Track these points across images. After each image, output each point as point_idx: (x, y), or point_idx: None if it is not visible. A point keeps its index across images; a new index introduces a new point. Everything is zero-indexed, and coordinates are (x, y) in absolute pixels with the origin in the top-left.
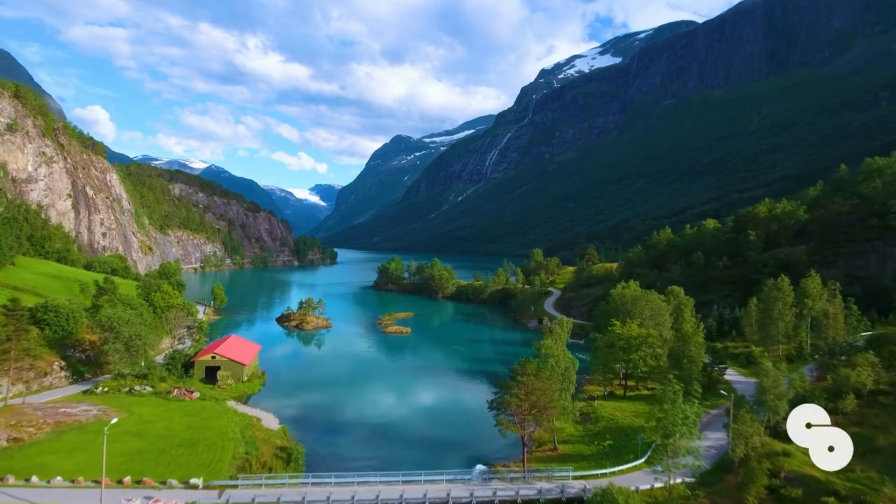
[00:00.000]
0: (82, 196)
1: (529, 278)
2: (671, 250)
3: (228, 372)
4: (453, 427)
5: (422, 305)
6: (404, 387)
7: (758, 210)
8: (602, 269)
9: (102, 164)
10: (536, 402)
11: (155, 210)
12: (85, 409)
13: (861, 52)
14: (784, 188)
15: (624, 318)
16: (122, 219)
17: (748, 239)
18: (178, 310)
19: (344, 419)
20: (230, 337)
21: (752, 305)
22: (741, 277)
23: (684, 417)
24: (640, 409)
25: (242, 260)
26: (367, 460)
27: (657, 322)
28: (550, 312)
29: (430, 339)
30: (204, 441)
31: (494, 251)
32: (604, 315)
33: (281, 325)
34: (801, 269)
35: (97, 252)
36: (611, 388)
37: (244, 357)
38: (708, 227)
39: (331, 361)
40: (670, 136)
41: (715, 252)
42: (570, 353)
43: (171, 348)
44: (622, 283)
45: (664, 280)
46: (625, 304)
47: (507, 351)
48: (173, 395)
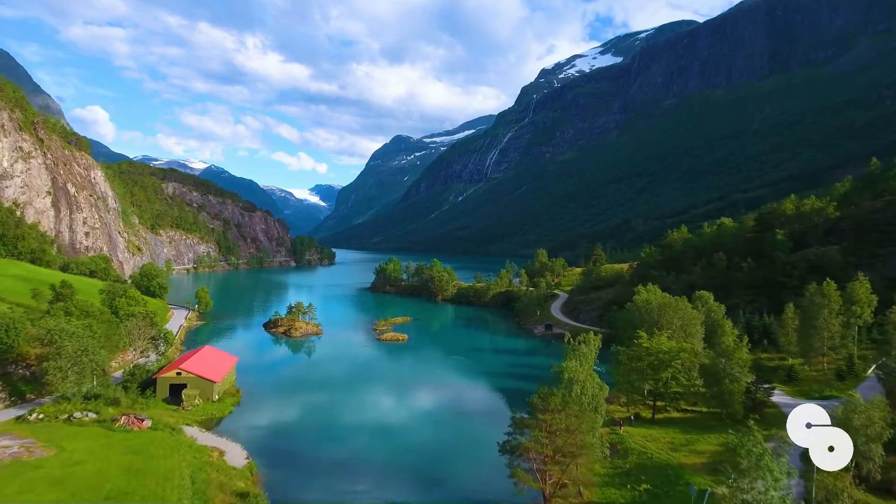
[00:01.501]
0: (63, 193)
1: (534, 280)
2: (689, 251)
3: (196, 390)
4: (455, 461)
5: (421, 309)
6: (398, 407)
7: (784, 207)
8: (611, 271)
9: (86, 161)
10: (562, 446)
11: (146, 209)
12: (4, 444)
13: (864, 51)
14: (789, 187)
15: (651, 328)
16: (106, 218)
17: (775, 238)
18: (140, 319)
19: (327, 450)
20: (203, 349)
21: (788, 312)
22: (767, 280)
23: (774, 481)
24: (675, 438)
25: (237, 260)
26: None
27: (687, 333)
28: (558, 317)
29: (429, 348)
30: (141, 491)
31: (495, 251)
32: (626, 324)
33: (268, 332)
34: (834, 272)
35: (79, 252)
36: (635, 408)
37: (215, 373)
38: (729, 225)
39: (317, 375)
40: (672, 136)
41: (737, 253)
42: (597, 377)
43: (132, 363)
44: (642, 287)
45: (682, 283)
46: (650, 311)
47: (513, 362)
48: (120, 423)
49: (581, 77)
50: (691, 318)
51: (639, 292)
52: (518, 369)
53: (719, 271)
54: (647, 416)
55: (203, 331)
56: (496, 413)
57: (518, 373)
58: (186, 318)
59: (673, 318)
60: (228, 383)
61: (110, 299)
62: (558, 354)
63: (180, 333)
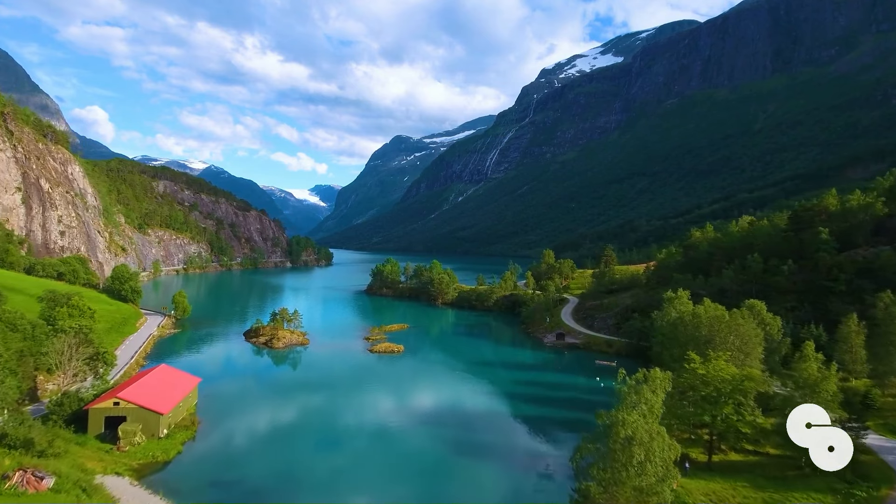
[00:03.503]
0: (35, 190)
1: (541, 283)
2: (717, 252)
3: (137, 424)
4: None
5: (419, 314)
6: (388, 446)
7: (826, 202)
8: (625, 273)
9: (63, 155)
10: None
11: (134, 208)
12: None
13: (868, 50)
14: (796, 187)
15: (703, 348)
16: (85, 216)
17: (819, 238)
18: (70, 336)
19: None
20: (157, 368)
21: (851, 325)
22: (811, 285)
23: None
24: (748, 497)
25: (230, 261)
26: None
27: (745, 354)
28: (569, 324)
29: (428, 362)
30: None
31: (495, 252)
32: (669, 342)
33: (248, 341)
34: (888, 275)
35: (53, 253)
36: (684, 447)
37: (164, 401)
38: (763, 223)
39: (296, 397)
40: (673, 136)
41: (772, 254)
42: (666, 434)
43: (61, 390)
44: (672, 294)
45: (712, 288)
46: (698, 327)
47: (524, 379)
48: (12, 482)
49: (582, 77)
50: (750, 335)
51: (670, 300)
52: (531, 389)
53: (754, 275)
54: (701, 460)
55: (177, 340)
56: (507, 453)
57: (531, 395)
58: (160, 325)
59: (728, 336)
60: (185, 411)
61: (50, 308)
62: (574, 369)
63: (146, 345)
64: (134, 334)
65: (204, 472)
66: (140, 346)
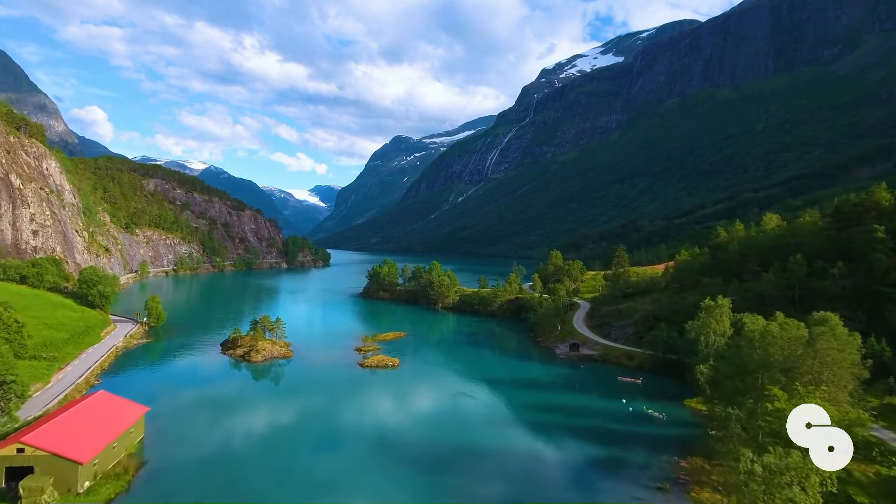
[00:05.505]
0: (4, 185)
1: (548, 286)
2: (751, 252)
3: (48, 477)
4: None
5: (418, 319)
6: (377, 493)
7: (877, 196)
8: (645, 275)
9: (37, 150)
10: None
11: (121, 206)
12: None
13: (872, 49)
14: (804, 186)
15: (778, 377)
16: (61, 214)
17: (873, 236)
18: None
19: None
20: (92, 396)
21: None
22: (864, 290)
23: None
24: None
25: (223, 262)
26: None
27: (835, 385)
28: (583, 333)
29: (426, 379)
30: None
31: (496, 252)
32: (732, 368)
33: (225, 353)
34: None
35: (24, 254)
36: None
37: (86, 444)
38: (805, 220)
39: (269, 426)
40: (675, 135)
41: (816, 255)
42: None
43: None
44: (711, 301)
45: (747, 295)
46: (768, 347)
47: (539, 402)
48: None
49: (582, 76)
50: (838, 362)
51: (708, 309)
52: (548, 416)
53: (797, 279)
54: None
55: (145, 352)
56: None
57: (549, 423)
58: (128, 335)
59: (813, 364)
60: (123, 451)
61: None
62: (594, 387)
63: (103, 360)
64: (95, 346)
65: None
66: (96, 362)
